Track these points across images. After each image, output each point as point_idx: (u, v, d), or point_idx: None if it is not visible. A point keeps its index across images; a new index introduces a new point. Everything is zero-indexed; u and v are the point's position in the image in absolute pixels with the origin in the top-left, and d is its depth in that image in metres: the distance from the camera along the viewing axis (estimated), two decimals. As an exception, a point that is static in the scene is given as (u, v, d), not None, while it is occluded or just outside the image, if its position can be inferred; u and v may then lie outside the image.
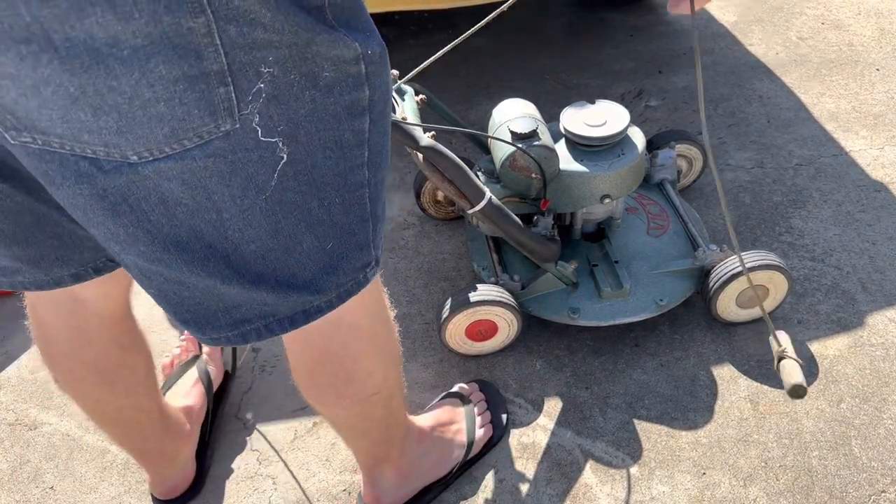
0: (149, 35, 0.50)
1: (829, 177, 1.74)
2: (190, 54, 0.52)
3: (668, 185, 1.56)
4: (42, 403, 1.41)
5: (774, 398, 1.29)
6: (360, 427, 1.02)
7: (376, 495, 1.13)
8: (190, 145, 0.56)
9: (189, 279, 0.66)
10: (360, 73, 0.61)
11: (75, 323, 0.92)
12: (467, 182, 1.15)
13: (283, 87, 0.57)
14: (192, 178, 0.58)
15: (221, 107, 0.55)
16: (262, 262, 0.66)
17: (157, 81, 0.52)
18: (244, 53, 0.54)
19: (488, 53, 2.31)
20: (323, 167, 0.63)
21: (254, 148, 0.58)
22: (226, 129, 0.56)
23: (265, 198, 0.62)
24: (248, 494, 1.23)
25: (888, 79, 2.07)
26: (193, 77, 0.53)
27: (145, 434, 1.12)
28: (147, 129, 0.54)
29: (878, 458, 1.19)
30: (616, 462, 1.22)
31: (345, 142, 0.63)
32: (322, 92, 0.59)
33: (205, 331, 0.72)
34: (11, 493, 1.27)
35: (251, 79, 0.55)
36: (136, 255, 0.64)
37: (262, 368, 1.43)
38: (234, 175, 0.59)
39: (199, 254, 0.64)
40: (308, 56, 0.57)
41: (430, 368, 1.40)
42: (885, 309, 1.43)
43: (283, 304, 0.70)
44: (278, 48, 0.55)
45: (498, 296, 1.29)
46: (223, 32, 0.52)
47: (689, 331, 1.42)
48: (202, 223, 0.62)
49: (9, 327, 1.58)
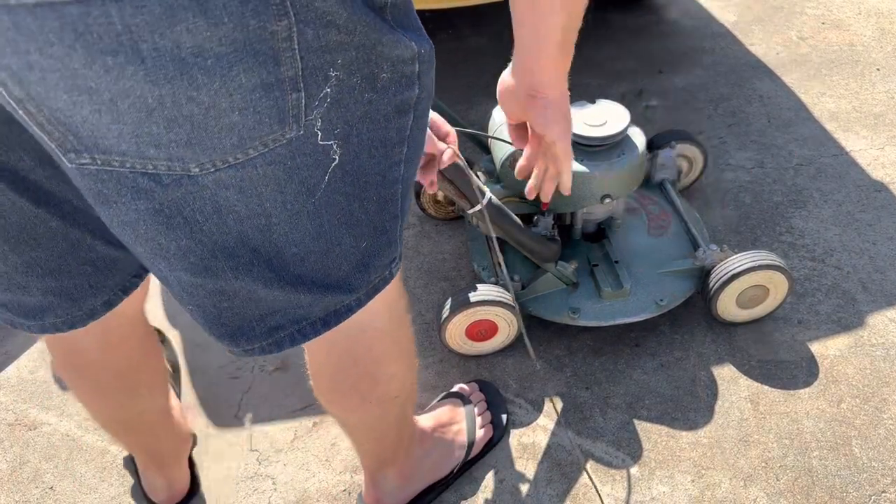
0: (234, 42, 0.49)
1: (830, 177, 1.74)
2: (269, 60, 0.51)
3: (668, 185, 1.56)
4: (42, 403, 1.41)
5: (775, 398, 1.29)
6: (377, 430, 1.02)
7: (378, 497, 1.13)
8: (254, 154, 0.55)
9: (232, 286, 0.65)
10: (414, 72, 0.61)
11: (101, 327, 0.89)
12: (467, 182, 1.15)
13: (346, 90, 0.56)
14: (249, 186, 0.58)
15: (290, 114, 0.54)
16: (301, 264, 0.66)
17: (236, 90, 0.51)
18: (317, 57, 0.53)
19: (488, 53, 2.31)
20: (368, 166, 0.63)
21: (311, 152, 0.58)
22: (290, 136, 0.55)
23: (314, 201, 0.61)
24: (248, 494, 1.23)
25: (888, 79, 2.06)
26: (270, 84, 0.52)
27: (160, 435, 1.12)
28: (217, 139, 0.53)
29: (878, 459, 1.19)
30: (616, 462, 1.22)
31: (389, 140, 0.63)
32: (378, 93, 0.59)
33: (239, 343, 0.72)
34: (11, 493, 1.26)
35: (320, 83, 0.54)
36: (183, 270, 0.64)
37: (262, 368, 1.43)
38: (290, 181, 0.59)
39: (244, 259, 0.63)
40: (373, 58, 0.56)
41: (430, 368, 1.40)
42: (885, 309, 1.42)
43: (317, 305, 0.70)
44: (347, 50, 0.54)
45: (498, 296, 1.29)
46: (301, 35, 0.51)
47: (690, 331, 1.42)
48: (250, 229, 0.61)
49: (9, 328, 1.57)
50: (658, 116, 1.99)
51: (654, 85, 2.11)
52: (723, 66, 2.18)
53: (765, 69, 2.15)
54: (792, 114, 1.96)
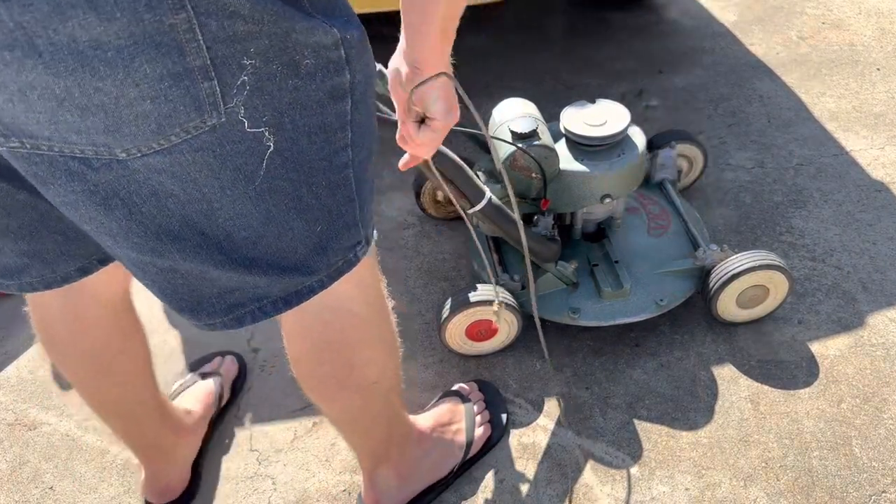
0: (132, 35, 0.50)
1: (830, 177, 1.74)
2: (173, 51, 0.52)
3: (668, 185, 1.56)
4: (42, 403, 1.41)
5: (775, 398, 1.29)
6: (362, 422, 1.02)
7: (376, 497, 1.13)
8: (177, 140, 0.57)
9: (182, 267, 0.66)
10: (341, 57, 0.62)
11: (73, 308, 0.92)
12: (467, 182, 1.15)
13: (266, 77, 0.57)
14: (181, 172, 0.59)
15: (207, 101, 0.55)
16: (253, 247, 0.67)
17: (142, 80, 0.52)
18: (226, 47, 0.54)
19: (488, 53, 2.31)
20: (309, 152, 0.64)
21: (241, 140, 0.59)
22: (212, 123, 0.57)
23: (255, 187, 0.62)
24: (248, 494, 1.23)
25: (888, 78, 2.06)
26: (178, 74, 0.53)
27: (142, 426, 1.12)
28: (134, 126, 0.55)
29: (878, 458, 1.19)
30: (616, 462, 1.22)
31: (328, 125, 0.64)
32: (304, 79, 0.60)
33: (200, 317, 0.73)
34: (11, 493, 1.26)
35: (234, 72, 0.55)
36: (129, 248, 0.65)
37: (262, 368, 1.43)
38: (224, 167, 0.60)
39: (191, 242, 0.64)
40: (289, 45, 0.57)
41: (430, 368, 1.40)
42: (885, 309, 1.42)
43: (275, 286, 0.71)
44: (259, 39, 0.55)
45: (498, 296, 1.29)
46: (204, 27, 0.52)
47: (690, 331, 1.42)
48: (194, 213, 0.62)
49: (9, 327, 1.58)
50: (658, 116, 1.99)
51: (654, 85, 2.11)
52: (723, 66, 2.18)
53: (765, 69, 2.14)
54: (792, 114, 1.96)
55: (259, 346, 1.47)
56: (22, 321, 1.58)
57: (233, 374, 1.38)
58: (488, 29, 2.42)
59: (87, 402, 1.07)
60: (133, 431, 1.13)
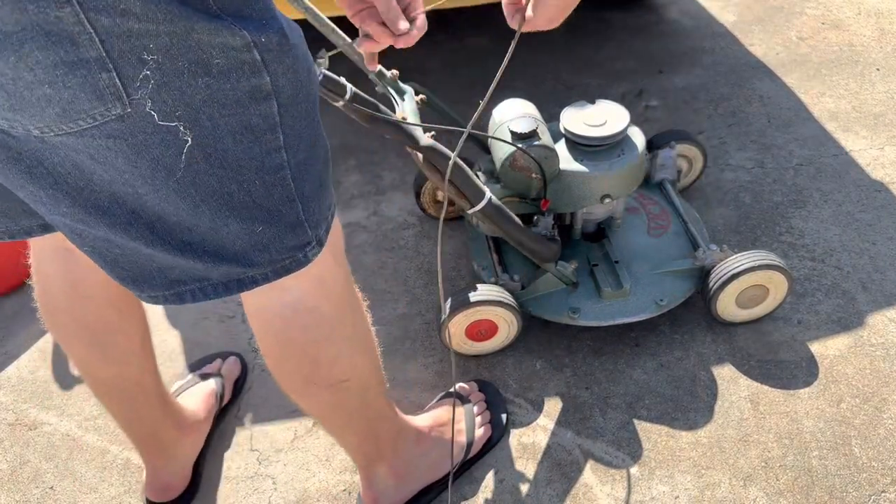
0: (17, 21, 0.51)
1: (830, 177, 1.74)
2: (65, 41, 0.52)
3: (668, 185, 1.56)
4: (42, 403, 1.41)
5: (774, 398, 1.29)
6: (337, 419, 1.02)
7: (374, 496, 1.13)
8: (85, 126, 0.57)
9: (116, 240, 0.67)
10: (255, 60, 0.61)
11: (72, 275, 0.93)
12: (467, 182, 1.15)
13: (172, 73, 0.57)
14: (98, 155, 0.60)
15: (107, 92, 0.56)
16: (188, 233, 0.67)
17: (35, 66, 0.53)
18: (122, 42, 0.54)
19: (488, 53, 2.31)
20: (235, 150, 0.64)
21: (154, 131, 0.59)
22: (117, 112, 0.57)
23: (177, 179, 0.63)
24: (248, 494, 1.23)
25: (888, 79, 2.06)
26: (72, 63, 0.54)
27: (140, 412, 1.12)
28: (38, 108, 0.55)
29: (878, 458, 1.19)
30: (616, 462, 1.22)
31: (254, 126, 0.64)
32: (216, 78, 0.60)
33: (142, 289, 0.73)
34: (11, 493, 1.27)
35: (135, 65, 0.56)
36: (60, 216, 0.66)
37: (263, 368, 1.43)
38: (139, 156, 0.60)
39: (121, 218, 0.65)
40: (192, 44, 0.57)
41: (430, 368, 1.40)
42: (885, 309, 1.42)
43: (213, 272, 0.71)
44: (157, 36, 0.55)
45: (498, 296, 1.29)
46: (95, 22, 0.53)
47: (690, 331, 1.42)
48: (121, 192, 0.63)
49: (9, 327, 1.58)
50: (658, 116, 1.99)
51: (654, 85, 2.11)
52: (723, 66, 2.18)
53: (765, 69, 2.15)
54: (792, 114, 1.96)
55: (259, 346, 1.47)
56: (22, 321, 1.58)
57: (235, 375, 1.38)
58: (488, 29, 2.42)
59: (88, 382, 1.08)
60: (132, 417, 1.13)
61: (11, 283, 1.65)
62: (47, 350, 1.51)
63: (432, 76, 2.24)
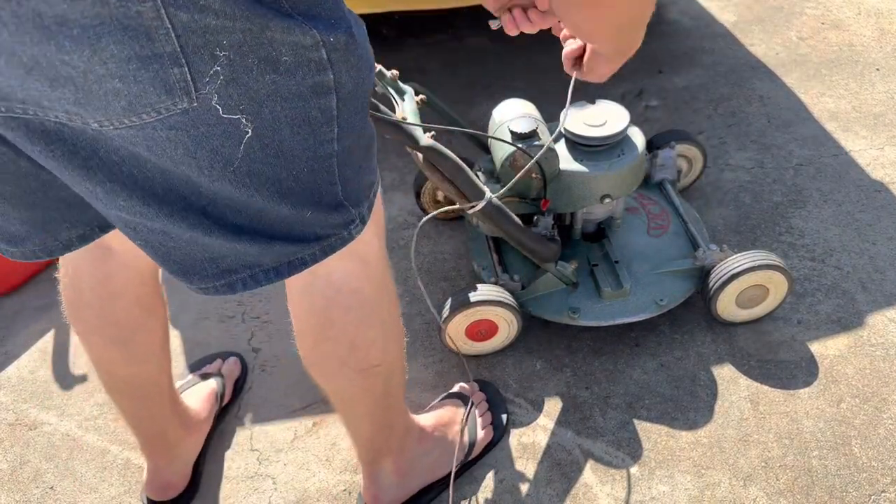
0: (98, 15, 0.51)
1: (830, 177, 1.74)
2: (141, 36, 0.53)
3: (668, 185, 1.56)
4: (42, 403, 1.41)
5: (774, 398, 1.29)
6: (362, 405, 1.02)
7: (375, 493, 1.13)
8: (149, 119, 0.57)
9: (172, 230, 0.68)
10: (322, 58, 0.62)
11: (103, 272, 0.94)
12: (467, 182, 1.15)
13: (242, 70, 0.58)
14: (156, 147, 0.60)
15: (177, 86, 0.56)
16: (238, 216, 0.68)
17: (109, 59, 0.53)
18: (197, 37, 0.55)
19: (488, 53, 2.31)
20: (291, 141, 0.65)
21: (216, 123, 0.60)
22: (183, 107, 0.57)
23: (233, 169, 0.64)
24: (248, 494, 1.23)
25: (888, 79, 2.06)
26: (146, 57, 0.54)
27: (153, 411, 1.13)
28: (104, 101, 0.55)
29: (878, 458, 1.19)
30: (616, 462, 1.22)
31: (313, 119, 0.65)
32: (283, 75, 0.60)
33: (192, 280, 0.74)
34: (11, 493, 1.27)
35: (207, 61, 0.56)
36: (117, 209, 0.66)
37: (263, 368, 1.43)
38: (199, 147, 0.61)
39: (176, 206, 0.65)
40: (264, 41, 0.58)
41: (430, 368, 1.40)
42: (885, 309, 1.42)
43: (265, 255, 0.72)
44: (232, 33, 0.56)
45: (498, 296, 1.29)
46: (174, 17, 0.53)
47: (690, 331, 1.42)
48: (175, 181, 0.64)
49: (9, 327, 1.58)
50: (658, 116, 1.99)
51: (654, 85, 2.11)
52: (723, 66, 2.18)
53: (765, 69, 2.15)
54: (792, 114, 1.96)
55: (259, 346, 1.48)
56: (22, 321, 1.58)
57: (235, 375, 1.39)
58: (488, 29, 2.42)
59: (104, 379, 1.08)
60: (143, 415, 1.13)
61: (11, 283, 1.65)
62: (47, 350, 1.52)
63: (432, 76, 2.24)
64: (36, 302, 1.62)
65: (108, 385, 1.09)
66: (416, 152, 1.11)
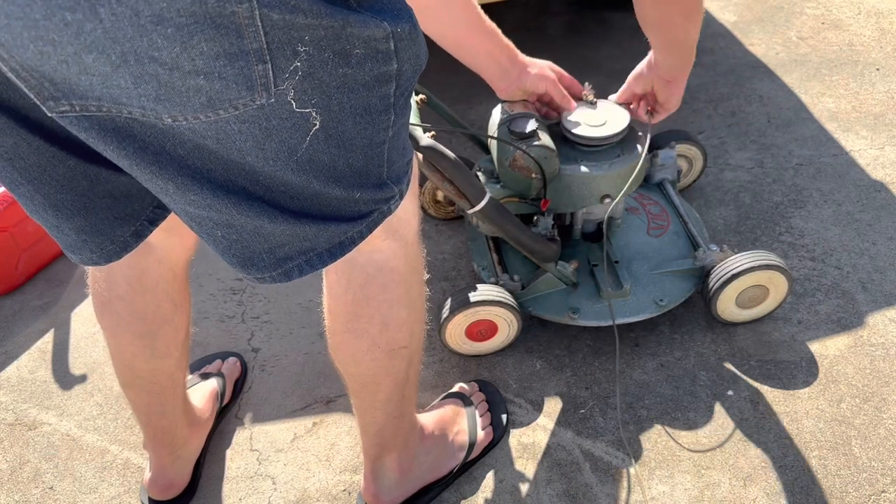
0: (193, 14, 0.52)
1: (830, 177, 1.74)
2: (231, 33, 0.54)
3: (668, 185, 1.56)
4: (42, 403, 1.41)
5: (774, 398, 1.29)
6: (383, 389, 1.01)
7: (375, 492, 1.13)
8: (224, 115, 0.59)
9: (238, 221, 0.69)
10: (390, 49, 0.64)
11: (141, 266, 0.95)
12: (467, 182, 1.15)
13: (318, 64, 0.60)
14: (225, 139, 0.61)
15: (259, 82, 0.57)
16: (293, 202, 0.70)
17: (197, 56, 0.54)
18: (283, 34, 0.56)
19: (488, 53, 2.31)
20: (353, 132, 0.67)
21: (288, 117, 0.62)
22: (261, 102, 0.59)
23: (296, 159, 0.65)
24: (248, 494, 1.23)
25: (888, 78, 2.07)
26: (233, 54, 0.55)
27: (166, 407, 1.13)
28: (185, 98, 0.56)
29: (878, 458, 1.19)
30: (616, 462, 1.22)
31: (373, 108, 0.67)
32: (353, 68, 0.62)
33: (250, 271, 0.76)
34: (11, 493, 1.27)
35: (289, 57, 0.58)
36: (187, 204, 0.67)
37: (263, 368, 1.43)
38: (268, 139, 0.62)
39: (241, 195, 0.67)
40: (343, 36, 0.60)
41: (430, 368, 1.40)
42: (885, 309, 1.42)
43: (321, 236, 0.74)
44: (316, 30, 0.58)
45: (498, 296, 1.29)
46: (266, 16, 0.54)
47: (689, 331, 1.42)
48: (235, 171, 0.65)
49: (9, 327, 1.58)
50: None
51: (653, 85, 2.11)
52: (723, 66, 2.18)
53: (765, 69, 2.15)
54: (792, 114, 1.96)
55: (259, 346, 1.48)
56: (22, 321, 1.58)
57: (235, 375, 1.39)
58: (488, 29, 2.42)
59: (122, 373, 1.08)
60: (156, 410, 1.13)
61: (11, 283, 1.65)
62: (47, 350, 1.52)
63: (432, 76, 2.23)
64: (36, 302, 1.62)
65: (124, 379, 1.09)
66: (416, 152, 1.11)
